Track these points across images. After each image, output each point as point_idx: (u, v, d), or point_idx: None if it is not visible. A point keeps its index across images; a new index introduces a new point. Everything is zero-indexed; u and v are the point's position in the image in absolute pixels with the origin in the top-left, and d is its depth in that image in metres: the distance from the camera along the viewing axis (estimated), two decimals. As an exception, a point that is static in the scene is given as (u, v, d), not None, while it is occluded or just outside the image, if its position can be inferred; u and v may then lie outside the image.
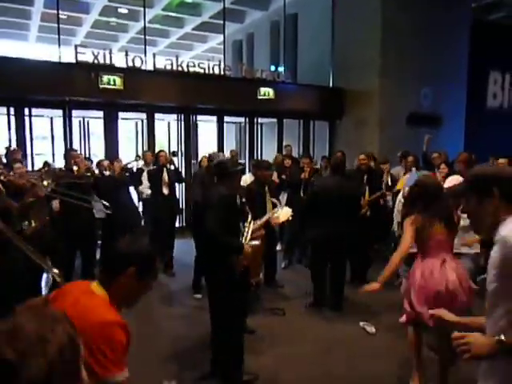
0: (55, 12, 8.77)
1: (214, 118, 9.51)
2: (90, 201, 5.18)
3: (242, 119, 9.98)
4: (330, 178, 5.05)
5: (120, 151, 8.26)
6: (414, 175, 5.30)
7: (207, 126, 10.40)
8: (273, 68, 11.06)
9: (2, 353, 0.79)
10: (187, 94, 8.48)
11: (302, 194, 6.23)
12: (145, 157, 6.93)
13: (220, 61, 9.33)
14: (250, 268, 3.57)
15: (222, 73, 9.08)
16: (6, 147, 6.45)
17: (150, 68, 8.35)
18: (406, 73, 9.37)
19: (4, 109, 7.51)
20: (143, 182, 6.48)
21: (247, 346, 3.44)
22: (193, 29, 13.20)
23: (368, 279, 5.47)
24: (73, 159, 5.38)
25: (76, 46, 7.79)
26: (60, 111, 7.92)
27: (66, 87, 7.47)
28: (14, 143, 7.34)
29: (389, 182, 6.03)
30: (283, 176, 6.67)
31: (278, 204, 4.96)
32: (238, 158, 8.59)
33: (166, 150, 7.06)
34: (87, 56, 7.67)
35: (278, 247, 6.56)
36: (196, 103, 8.85)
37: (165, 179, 6.09)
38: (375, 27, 9.28)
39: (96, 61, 7.68)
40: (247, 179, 5.83)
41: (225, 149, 9.21)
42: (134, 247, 1.66)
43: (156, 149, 7.84)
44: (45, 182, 3.78)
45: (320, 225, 4.69)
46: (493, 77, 11.66)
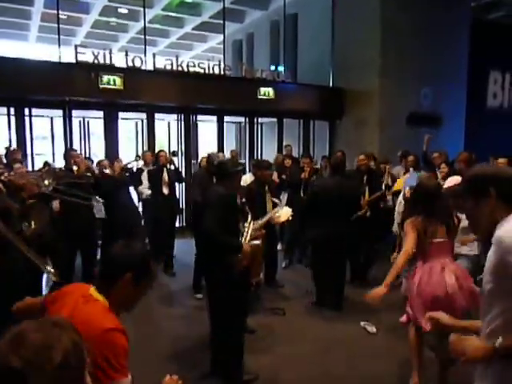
0: (55, 12, 8.77)
1: (214, 118, 9.51)
2: (91, 198, 5.18)
3: (242, 119, 9.98)
4: (330, 178, 5.06)
5: (120, 151, 8.26)
6: (413, 175, 5.31)
7: (207, 126, 10.39)
8: (273, 68, 11.06)
9: (9, 361, 0.79)
10: (187, 94, 8.48)
11: (302, 194, 6.23)
12: (145, 157, 6.91)
13: (220, 61, 9.33)
14: (251, 268, 3.57)
15: (222, 73, 9.08)
16: (6, 147, 6.42)
17: (150, 68, 8.35)
18: (406, 73, 9.36)
19: (4, 109, 7.51)
20: (143, 182, 6.47)
21: (247, 346, 3.44)
22: (193, 29, 13.19)
23: (368, 279, 5.50)
24: (73, 159, 5.38)
25: (76, 46, 7.79)
26: (60, 111, 7.91)
27: (66, 87, 7.48)
28: (14, 143, 7.34)
29: (389, 183, 6.02)
30: (283, 176, 6.66)
31: (279, 204, 4.96)
32: (238, 158, 8.58)
33: (166, 150, 7.04)
34: (87, 56, 7.67)
35: (279, 247, 6.56)
36: (196, 103, 8.85)
37: (165, 179, 6.09)
38: (375, 27, 9.27)
39: (96, 61, 7.68)
40: (247, 179, 5.83)
41: (225, 149, 9.20)
42: (128, 253, 1.64)
43: (156, 149, 7.83)
44: (46, 182, 3.79)
45: (320, 225, 4.69)
46: (493, 76, 11.64)
